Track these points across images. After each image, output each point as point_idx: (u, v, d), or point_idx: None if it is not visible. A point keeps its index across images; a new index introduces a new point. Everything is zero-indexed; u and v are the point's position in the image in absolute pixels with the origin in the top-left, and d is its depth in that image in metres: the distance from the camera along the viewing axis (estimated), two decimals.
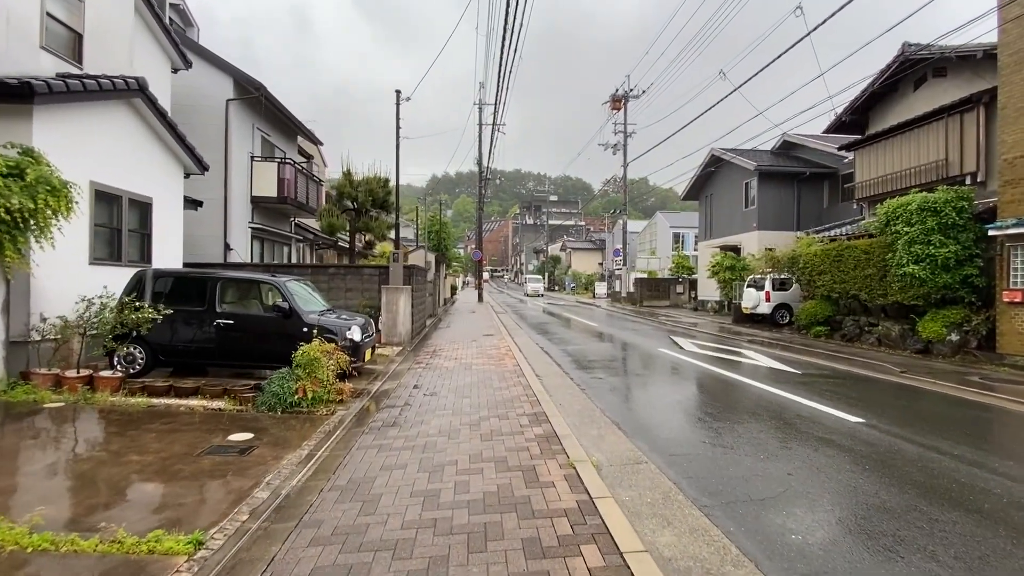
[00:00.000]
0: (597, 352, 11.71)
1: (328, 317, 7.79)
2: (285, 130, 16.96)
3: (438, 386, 7.47)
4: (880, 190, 14.24)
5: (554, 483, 3.90)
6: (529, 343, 12.87)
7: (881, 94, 14.87)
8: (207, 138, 13.42)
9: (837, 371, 9.26)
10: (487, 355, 10.40)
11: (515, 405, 6.31)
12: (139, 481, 3.99)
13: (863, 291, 12.82)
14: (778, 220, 23.15)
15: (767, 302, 17.35)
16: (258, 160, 14.68)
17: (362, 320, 8.33)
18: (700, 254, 28.86)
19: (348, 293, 13.16)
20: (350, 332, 7.61)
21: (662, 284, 30.28)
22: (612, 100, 30.45)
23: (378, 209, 14.56)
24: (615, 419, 5.91)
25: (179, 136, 9.57)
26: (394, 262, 12.37)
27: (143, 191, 8.92)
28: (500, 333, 14.57)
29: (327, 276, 13.13)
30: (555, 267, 65.53)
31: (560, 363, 9.87)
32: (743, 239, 24.28)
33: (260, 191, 14.56)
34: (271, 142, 15.87)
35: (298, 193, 15.42)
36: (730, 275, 22.71)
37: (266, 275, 8.03)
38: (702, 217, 28.72)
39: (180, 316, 7.39)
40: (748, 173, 23.73)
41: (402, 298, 12.12)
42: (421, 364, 9.40)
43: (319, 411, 6.07)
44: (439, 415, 5.90)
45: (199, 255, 13.12)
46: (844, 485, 4.05)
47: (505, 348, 11.38)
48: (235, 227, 13.71)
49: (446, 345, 12.03)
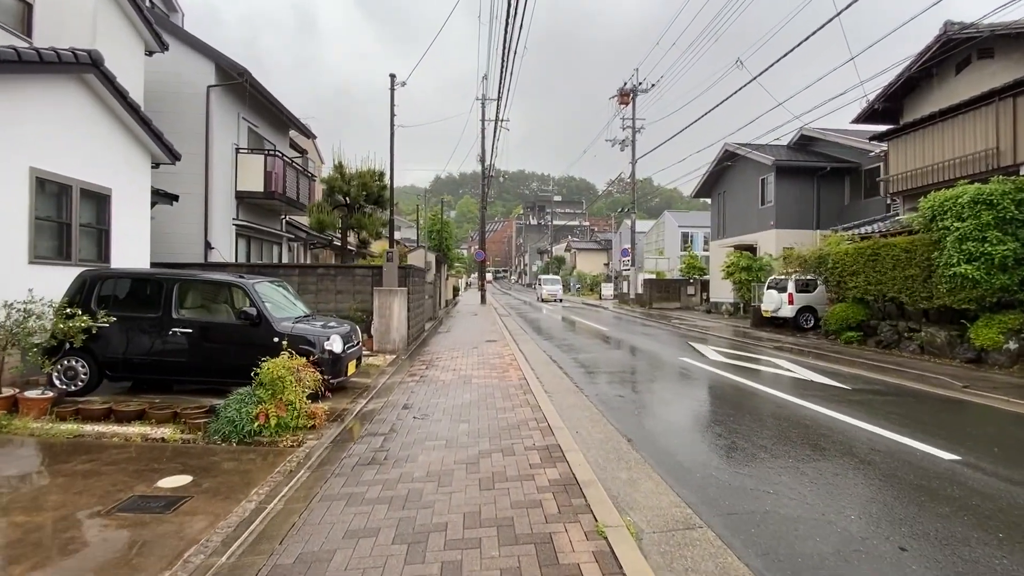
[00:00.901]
0: (612, 362, 10.59)
1: (305, 325, 6.71)
2: (275, 122, 15.92)
3: (431, 406, 6.37)
4: (918, 183, 13.06)
5: (580, 566, 2.79)
6: (535, 350, 11.76)
7: (917, 79, 13.70)
8: (187, 127, 12.40)
9: (889, 385, 8.11)
10: (489, 365, 9.30)
11: (522, 433, 5.20)
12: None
13: (903, 293, 11.65)
14: (796, 218, 21.98)
15: (790, 305, 16.17)
16: (244, 152, 13.63)
17: (345, 328, 7.24)
18: (712, 254, 27.68)
19: (339, 296, 12.09)
20: (329, 342, 6.53)
21: (672, 285, 29.10)
22: (620, 94, 29.31)
23: (372, 205, 13.49)
24: (647, 454, 4.79)
25: (143, 119, 8.52)
26: (388, 262, 11.30)
27: (99, 181, 7.87)
28: (503, 339, 13.47)
29: (316, 277, 12.07)
30: (560, 268, 64.34)
31: (571, 375, 8.76)
32: (759, 238, 23.10)
33: (245, 185, 13.51)
34: (259, 134, 14.82)
35: (287, 188, 14.37)
36: (746, 276, 21.56)
37: (232, 276, 6.95)
38: (714, 215, 27.55)
39: (131, 324, 6.33)
40: (764, 168, 22.56)
41: (397, 301, 11.04)
42: (415, 376, 8.30)
43: (284, 441, 4.99)
44: (429, 448, 4.80)
45: (178, 254, 12.09)
46: (990, 570, 2.92)
47: (509, 356, 10.27)
48: (217, 224, 12.67)
49: (445, 353, 10.94)
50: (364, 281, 12.15)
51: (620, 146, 29.43)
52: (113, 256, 8.16)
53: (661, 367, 9.80)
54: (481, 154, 30.88)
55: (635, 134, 29.20)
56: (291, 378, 5.19)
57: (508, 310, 26.98)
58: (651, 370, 9.52)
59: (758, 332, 16.25)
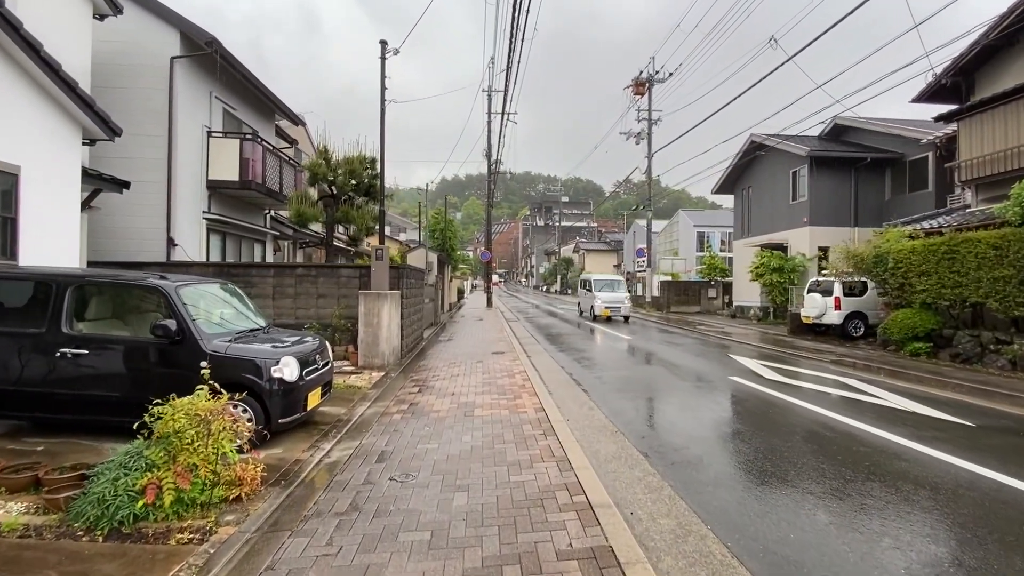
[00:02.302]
0: (647, 383, 8.77)
1: (246, 344, 4.94)
2: (257, 106, 14.23)
3: (417, 456, 4.59)
4: (999, 169, 11.16)
5: None
6: (551, 366, 9.95)
7: (994, 49, 11.80)
8: (148, 105, 10.74)
9: (1017, 419, 6.24)
10: (497, 387, 7.51)
11: (550, 517, 3.41)
12: None
13: (992, 298, 9.74)
14: (832, 214, 20.07)
15: (836, 310, 14.27)
16: (217, 136, 11.94)
17: (307, 346, 5.47)
18: (736, 254, 25.76)
19: (320, 301, 10.36)
20: (278, 367, 4.76)
21: (692, 288, 27.18)
22: (635, 84, 27.48)
23: (363, 196, 11.74)
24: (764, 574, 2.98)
25: (66, 82, 6.82)
26: (377, 260, 9.55)
27: (1, 156, 6.17)
28: (512, 349, 11.67)
29: (294, 279, 10.34)
30: (568, 269, 62.45)
31: (602, 403, 6.95)
32: (790, 236, 21.19)
33: (219, 174, 11.82)
34: (237, 117, 13.14)
35: (268, 178, 12.66)
36: (778, 277, 19.69)
37: (151, 275, 5.18)
38: (738, 213, 25.64)
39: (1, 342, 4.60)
40: (796, 160, 20.66)
41: (387, 307, 9.28)
42: (403, 405, 6.53)
43: (182, 531, 3.23)
44: (405, 548, 3.02)
45: (134, 253, 10.42)
46: None
47: (520, 375, 8.48)
48: (182, 217, 10.97)
49: (443, 369, 9.16)
50: (350, 283, 10.42)
51: (635, 139, 27.61)
52: (22, 251, 6.45)
53: (711, 390, 7.96)
54: (487, 148, 29.15)
55: (651, 126, 27.36)
56: (197, 431, 3.43)
57: (516, 314, 25.19)
58: (700, 395, 7.67)
59: (799, 341, 14.34)
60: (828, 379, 8.71)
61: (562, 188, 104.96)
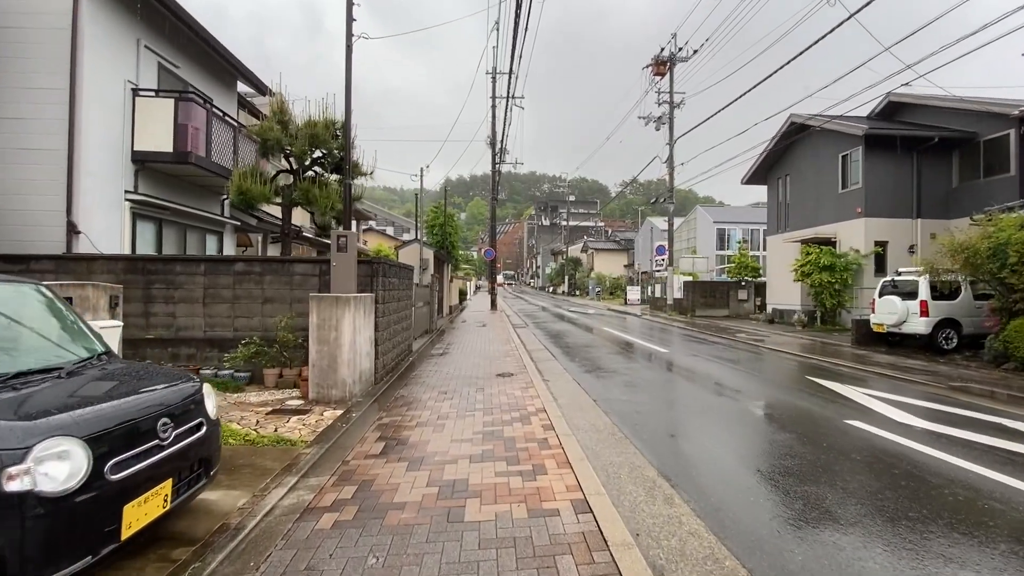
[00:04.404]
0: (727, 426, 6.11)
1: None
2: (210, 66, 11.64)
3: None
4: None
5: None
6: (579, 397, 7.29)
7: None
8: (48, 50, 8.19)
9: None
10: (504, 444, 4.86)
11: None
12: None
13: None
14: (890, 204, 17.34)
15: (923, 317, 11.53)
16: (146, 95, 9.37)
17: (139, 404, 2.83)
18: (771, 251, 23.00)
19: (267, 306, 7.75)
20: (24, 468, 2.11)
21: (719, 289, 24.40)
22: (655, 63, 24.77)
23: (333, 173, 9.14)
24: None
25: None
26: (339, 251, 6.92)
27: None
28: (523, 368, 9.03)
29: (231, 277, 7.74)
30: (576, 270, 59.70)
31: (679, 478, 4.30)
32: (839, 229, 18.44)
33: (148, 143, 9.25)
34: (180, 77, 10.55)
35: (215, 151, 10.07)
36: (828, 277, 16.95)
37: None
38: (773, 204, 22.89)
39: None
40: (848, 142, 17.92)
41: (350, 316, 6.63)
42: (346, 488, 3.88)
43: None
44: None
45: (19, 241, 7.89)
46: None
47: (538, 416, 5.83)
48: (94, 198, 8.40)
49: (429, 406, 6.51)
50: (307, 283, 7.81)
51: (655, 124, 24.89)
52: None
53: (837, 453, 5.24)
54: (491, 135, 26.50)
55: (673, 109, 24.65)
56: None
57: (523, 319, 22.53)
58: (831, 462, 4.97)
59: (878, 355, 11.61)
60: (981, 421, 6.01)
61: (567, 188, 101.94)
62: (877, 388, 7.90)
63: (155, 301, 7.68)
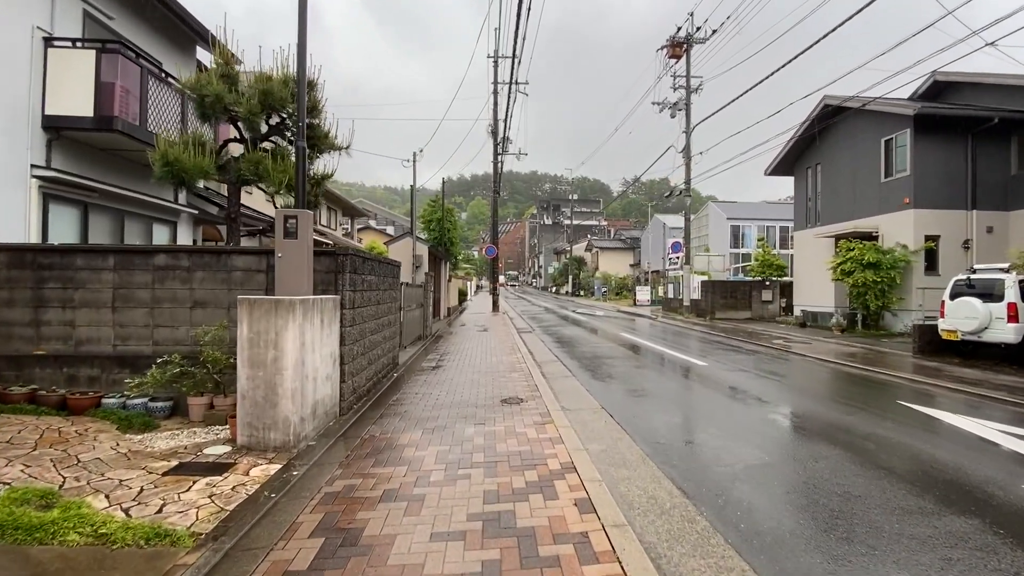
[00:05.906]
0: (850, 500, 4.20)
1: None
2: (158, 23, 9.74)
3: None
4: None
5: None
6: (621, 444, 5.36)
7: None
8: None
9: None
10: (518, 551, 2.96)
11: None
12: None
13: None
14: (942, 194, 15.42)
15: (1012, 323, 9.62)
16: (62, 46, 7.49)
17: None
18: (798, 247, 21.07)
19: (197, 312, 5.86)
20: None
21: (740, 289, 22.45)
22: (671, 45, 22.86)
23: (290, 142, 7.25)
24: None
25: None
26: (285, 237, 5.03)
27: None
28: (533, 390, 7.13)
29: (152, 274, 5.85)
30: (580, 269, 57.74)
31: None
32: (882, 223, 16.51)
33: (63, 107, 7.37)
34: (115, 31, 8.67)
35: (150, 116, 8.17)
36: (872, 276, 15.00)
37: None
38: (801, 197, 20.95)
39: None
40: (893, 124, 15.99)
41: (292, 328, 4.70)
42: None
43: None
44: None
45: None
46: None
47: (564, 478, 3.93)
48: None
49: (405, 458, 4.61)
50: (253, 280, 5.92)
51: (671, 110, 22.96)
52: None
53: (1011, 546, 3.37)
54: (493, 123, 24.60)
55: (690, 94, 22.73)
56: None
57: (529, 322, 20.61)
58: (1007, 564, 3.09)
59: (954, 367, 9.69)
60: None
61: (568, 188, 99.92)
62: (998, 419, 5.99)
63: (48, 305, 5.80)
